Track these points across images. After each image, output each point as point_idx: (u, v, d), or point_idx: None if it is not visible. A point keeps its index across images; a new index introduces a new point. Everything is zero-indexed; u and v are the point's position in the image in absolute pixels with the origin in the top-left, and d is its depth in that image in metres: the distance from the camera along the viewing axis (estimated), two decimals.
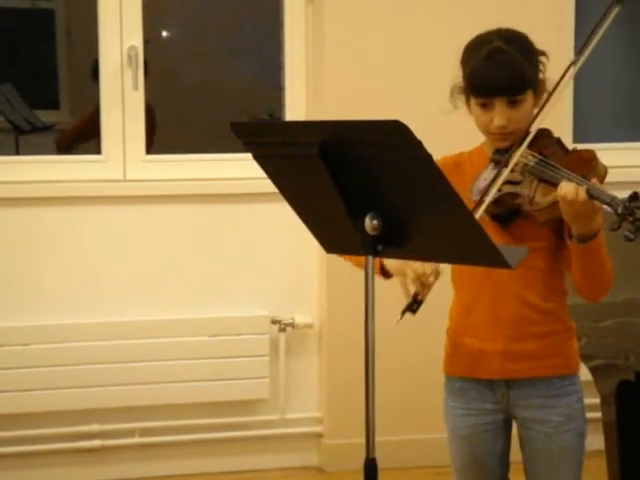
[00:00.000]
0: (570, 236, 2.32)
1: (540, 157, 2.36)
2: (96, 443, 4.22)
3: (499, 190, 2.36)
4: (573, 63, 2.39)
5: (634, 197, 2.18)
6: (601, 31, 2.37)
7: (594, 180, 2.27)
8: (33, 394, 4.11)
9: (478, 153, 2.50)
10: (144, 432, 4.27)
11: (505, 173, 2.35)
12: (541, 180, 2.34)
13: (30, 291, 4.17)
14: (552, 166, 2.33)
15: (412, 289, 2.31)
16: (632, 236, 2.17)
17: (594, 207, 2.24)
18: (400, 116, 1.92)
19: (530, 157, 2.36)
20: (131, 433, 4.26)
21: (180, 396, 4.23)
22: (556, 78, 2.41)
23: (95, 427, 4.22)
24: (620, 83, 5.75)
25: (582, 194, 2.22)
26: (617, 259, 2.39)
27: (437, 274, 2.30)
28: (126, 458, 4.27)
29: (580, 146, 4.21)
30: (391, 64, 4.27)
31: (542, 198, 2.32)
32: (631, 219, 2.16)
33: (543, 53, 2.46)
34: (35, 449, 4.18)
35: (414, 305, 2.31)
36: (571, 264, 2.37)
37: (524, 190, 2.35)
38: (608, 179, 2.39)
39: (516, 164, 2.36)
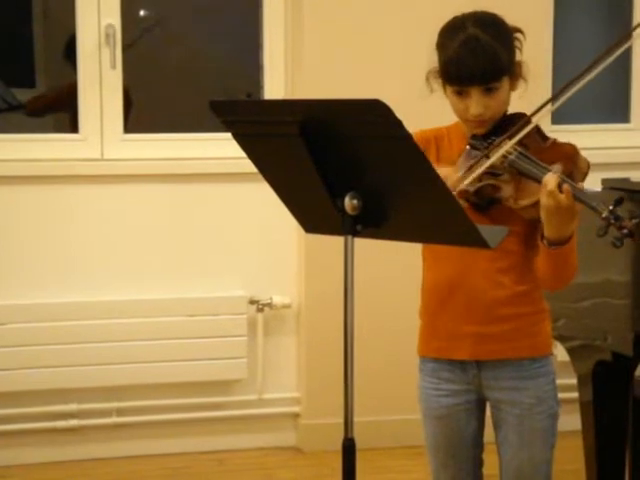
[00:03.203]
0: (542, 237, 2.30)
1: (520, 150, 2.32)
2: (73, 423, 4.22)
3: (479, 180, 2.33)
4: (550, 101, 2.36)
5: (619, 201, 2.14)
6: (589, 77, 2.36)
7: (580, 184, 2.24)
8: (10, 373, 4.09)
9: (456, 130, 2.48)
10: (121, 412, 4.26)
11: (486, 165, 2.31)
12: (521, 174, 2.31)
13: (6, 270, 4.15)
14: (533, 161, 2.30)
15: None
16: (619, 243, 2.13)
17: (574, 208, 2.21)
18: (380, 95, 1.91)
19: (511, 148, 2.32)
20: (108, 413, 4.25)
21: (158, 376, 4.22)
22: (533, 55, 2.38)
23: (72, 407, 4.21)
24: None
25: (566, 191, 2.18)
26: (593, 241, 2.38)
27: None
28: (103, 438, 4.26)
29: (559, 127, 4.27)
30: (371, 43, 4.25)
31: (524, 197, 2.29)
32: (617, 224, 2.13)
33: (518, 30, 2.43)
34: (12, 428, 4.17)
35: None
36: (539, 260, 2.36)
37: (506, 185, 2.32)
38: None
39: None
